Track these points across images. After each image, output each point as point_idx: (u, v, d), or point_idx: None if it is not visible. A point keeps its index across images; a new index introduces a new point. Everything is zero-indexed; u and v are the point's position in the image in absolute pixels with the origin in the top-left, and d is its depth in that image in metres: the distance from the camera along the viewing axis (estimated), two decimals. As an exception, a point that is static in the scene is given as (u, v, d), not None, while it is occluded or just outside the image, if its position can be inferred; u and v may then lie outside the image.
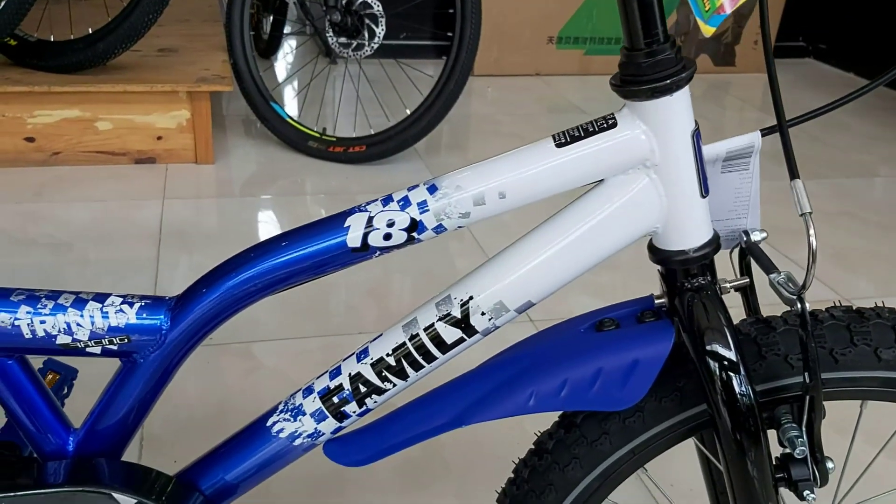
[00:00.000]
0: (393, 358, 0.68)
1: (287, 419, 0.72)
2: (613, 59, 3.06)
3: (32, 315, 0.68)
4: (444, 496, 1.31)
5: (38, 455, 0.76)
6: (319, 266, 0.66)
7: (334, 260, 0.66)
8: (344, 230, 0.65)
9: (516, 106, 3.11)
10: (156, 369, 0.71)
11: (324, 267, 0.66)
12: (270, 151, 2.54)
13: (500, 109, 3.07)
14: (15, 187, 2.20)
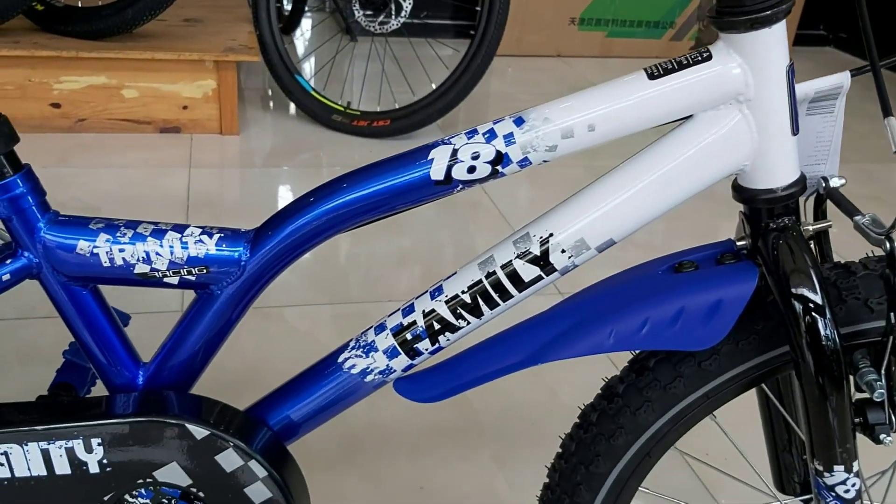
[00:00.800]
0: (468, 295, 0.68)
1: (359, 355, 0.72)
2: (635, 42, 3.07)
3: (112, 243, 0.68)
4: (480, 460, 1.31)
5: (108, 388, 0.76)
6: (401, 199, 0.66)
7: (416, 193, 0.65)
8: (427, 163, 0.64)
9: (536, 86, 3.10)
10: (231, 302, 0.71)
11: (405, 200, 0.66)
12: (293, 124, 2.54)
13: (520, 89, 3.06)
14: (40, 153, 2.19)
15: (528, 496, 1.25)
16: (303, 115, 2.54)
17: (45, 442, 0.70)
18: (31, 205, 0.68)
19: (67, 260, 0.68)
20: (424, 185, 0.65)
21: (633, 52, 3.46)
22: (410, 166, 0.65)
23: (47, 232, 0.68)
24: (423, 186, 0.65)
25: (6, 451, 0.70)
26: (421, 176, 0.64)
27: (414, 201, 0.66)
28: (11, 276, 0.69)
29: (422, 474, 1.27)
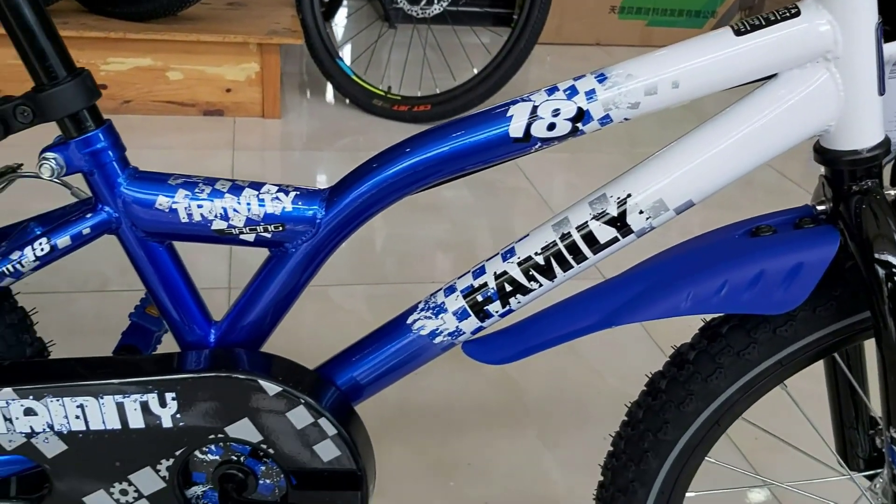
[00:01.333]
0: (542, 257, 0.68)
1: (428, 317, 0.72)
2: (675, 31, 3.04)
3: (190, 199, 0.69)
4: (527, 438, 1.31)
5: (180, 346, 0.77)
6: (479, 157, 0.66)
7: (494, 151, 0.65)
8: (506, 120, 0.64)
9: (575, 74, 3.07)
10: (305, 260, 0.71)
11: (483, 158, 0.66)
12: (333, 109, 2.55)
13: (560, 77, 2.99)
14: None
15: (574, 474, 1.25)
16: (341, 99, 2.55)
17: (121, 396, 0.71)
18: (112, 160, 0.69)
19: (146, 215, 0.69)
20: (503, 142, 0.65)
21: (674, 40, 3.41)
22: (489, 124, 0.65)
23: (127, 187, 0.69)
24: (501, 144, 0.65)
25: (82, 405, 0.71)
26: (499, 133, 0.64)
27: (492, 159, 0.66)
28: (92, 230, 0.70)
29: (469, 451, 1.27)
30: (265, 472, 0.75)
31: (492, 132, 0.65)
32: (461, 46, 2.65)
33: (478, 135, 0.65)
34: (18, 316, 0.78)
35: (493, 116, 0.65)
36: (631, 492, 0.76)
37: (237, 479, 0.75)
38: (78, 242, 0.70)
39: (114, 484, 0.74)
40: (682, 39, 1.25)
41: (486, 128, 0.65)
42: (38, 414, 0.71)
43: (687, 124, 0.65)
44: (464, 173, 0.68)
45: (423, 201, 2.00)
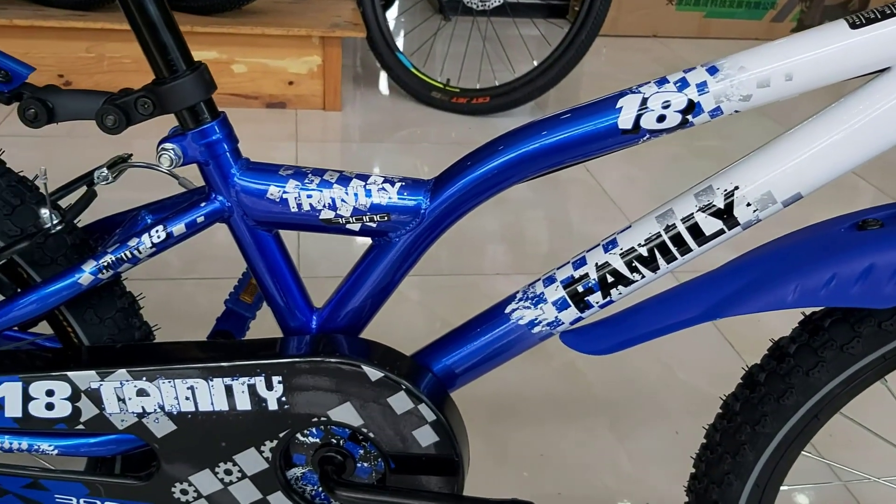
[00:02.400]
0: (645, 248, 0.68)
1: (527, 307, 0.73)
2: (733, 23, 3.00)
3: (300, 189, 0.71)
4: (599, 431, 1.32)
5: (282, 331, 0.79)
6: (585, 148, 0.66)
7: (601, 142, 0.66)
8: (615, 112, 0.65)
9: (632, 66, 3.06)
10: (408, 249, 0.73)
11: (589, 150, 0.66)
12: (391, 101, 2.57)
13: (617, 69, 3.02)
14: (152, 126, 2.28)
15: (647, 467, 1.25)
16: (398, 92, 2.57)
17: (230, 378, 0.73)
18: (226, 151, 0.71)
19: (257, 204, 0.72)
20: (611, 134, 0.65)
21: (732, 33, 3.37)
22: (598, 115, 0.65)
23: (241, 177, 0.72)
24: (609, 135, 0.65)
25: (192, 387, 0.74)
26: (608, 125, 0.65)
27: (598, 150, 0.67)
28: (205, 218, 0.72)
29: (542, 442, 1.28)
30: (363, 455, 0.77)
31: (600, 123, 0.65)
32: (520, 38, 2.64)
33: (586, 126, 0.66)
34: (128, 300, 0.81)
35: (601, 108, 0.65)
36: (726, 484, 0.76)
37: (336, 462, 0.77)
38: (192, 230, 0.72)
39: (219, 464, 0.77)
40: (740, 31, 1.22)
41: (595, 119, 0.65)
42: (150, 395, 0.74)
43: (743, 120, 0.65)
44: (570, 164, 0.68)
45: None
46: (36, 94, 0.69)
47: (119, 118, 0.68)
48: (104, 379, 0.74)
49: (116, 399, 0.74)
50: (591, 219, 1.95)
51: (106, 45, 2.27)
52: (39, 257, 0.74)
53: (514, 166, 0.68)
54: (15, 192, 0.74)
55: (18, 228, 0.73)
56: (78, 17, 2.20)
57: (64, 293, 0.72)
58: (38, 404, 0.75)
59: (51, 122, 0.69)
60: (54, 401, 0.75)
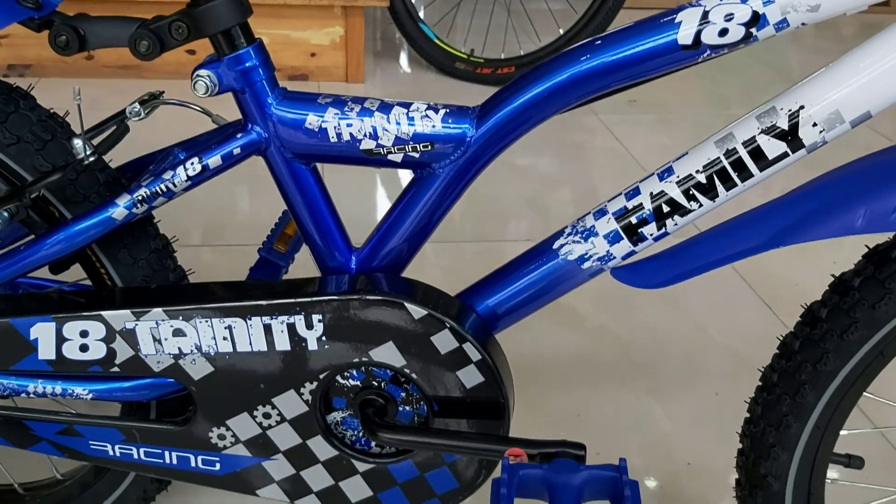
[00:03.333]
0: (703, 175, 0.65)
1: (576, 241, 0.70)
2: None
3: (340, 118, 0.68)
4: (635, 391, 1.29)
5: (321, 272, 0.76)
6: (643, 67, 0.63)
7: (660, 60, 0.62)
8: (674, 27, 0.61)
9: (659, 38, 3.00)
10: (452, 181, 0.70)
11: (647, 68, 0.63)
12: (414, 72, 2.54)
13: (643, 41, 2.96)
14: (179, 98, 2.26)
15: (687, 427, 1.22)
16: (421, 63, 2.53)
17: (268, 317, 0.71)
18: (262, 78, 0.69)
19: (296, 135, 0.69)
20: (670, 50, 0.62)
21: (759, 2, 3.29)
22: (655, 31, 0.62)
23: (278, 106, 0.69)
24: (668, 52, 0.62)
25: (230, 326, 0.71)
26: (667, 41, 0.62)
27: (654, 70, 0.63)
28: (241, 150, 0.70)
29: (578, 403, 1.25)
30: (405, 398, 0.75)
31: (659, 40, 0.62)
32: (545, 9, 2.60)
33: (644, 43, 0.62)
34: (162, 242, 0.79)
35: (659, 24, 0.62)
36: (784, 426, 0.73)
37: (377, 405, 0.74)
38: (228, 162, 0.70)
39: (257, 407, 0.75)
40: None
41: (653, 36, 0.62)
42: (187, 335, 0.72)
43: (774, 88, 0.62)
44: (627, 85, 0.65)
45: (511, 161, 1.98)
46: (67, 21, 0.67)
47: (153, 43, 0.65)
48: (139, 319, 0.71)
49: (152, 340, 0.72)
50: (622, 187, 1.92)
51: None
52: (72, 194, 0.72)
53: (565, 88, 0.65)
54: (45, 128, 0.72)
55: (50, 164, 0.71)
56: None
57: (97, 229, 0.70)
58: (72, 346, 0.73)
59: (82, 50, 0.67)
60: (88, 342, 0.73)
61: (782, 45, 3.04)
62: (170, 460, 0.78)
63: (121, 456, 0.79)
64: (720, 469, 1.13)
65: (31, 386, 0.76)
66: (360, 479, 0.77)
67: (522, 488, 0.65)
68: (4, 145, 0.70)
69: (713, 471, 1.13)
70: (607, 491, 0.65)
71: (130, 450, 0.78)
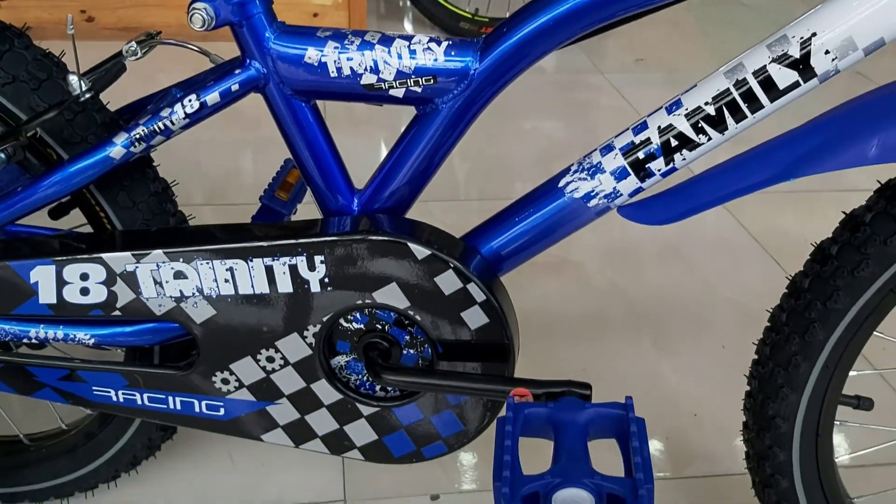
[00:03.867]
0: (713, 107, 0.63)
1: (583, 178, 0.69)
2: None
3: (339, 52, 0.67)
4: (642, 346, 1.28)
5: (322, 213, 0.75)
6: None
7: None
8: (683, -49, 0.59)
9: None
10: (455, 117, 0.68)
11: None
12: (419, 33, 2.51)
13: (650, 0, 2.92)
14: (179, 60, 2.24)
15: (693, 380, 1.21)
16: (425, 23, 2.50)
17: (270, 258, 0.70)
18: (260, 11, 0.67)
19: (294, 70, 0.68)
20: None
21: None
22: (663, -45, 0.60)
23: (276, 41, 0.67)
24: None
25: (231, 268, 0.71)
26: (675, -35, 0.60)
27: None
28: (240, 86, 0.68)
29: (583, 358, 1.24)
30: (409, 341, 0.74)
31: (666, -36, 0.60)
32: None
33: (649, -31, 0.60)
34: (162, 185, 0.78)
35: (667, -53, 0.60)
36: (793, 366, 0.72)
37: (381, 348, 0.74)
38: (227, 100, 0.69)
39: (261, 350, 0.74)
40: None
41: (660, -40, 0.60)
42: (188, 277, 0.71)
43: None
44: (625, 18, 0.63)
45: (517, 121, 1.95)
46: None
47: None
48: (140, 261, 0.71)
49: (153, 282, 0.71)
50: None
51: (127, -23, 2.22)
52: (69, 135, 0.71)
53: (569, 18, 0.63)
54: (41, 67, 0.70)
55: (46, 104, 0.70)
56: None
57: (95, 169, 0.69)
58: (73, 289, 0.72)
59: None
60: (89, 285, 0.72)
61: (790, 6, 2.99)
62: (174, 405, 0.78)
63: (124, 401, 0.79)
64: (726, 419, 1.12)
65: (33, 331, 0.75)
66: (365, 422, 0.77)
67: (527, 427, 0.64)
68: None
69: (719, 421, 1.13)
70: (613, 429, 0.64)
71: (134, 395, 0.78)
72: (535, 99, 2.08)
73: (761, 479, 0.79)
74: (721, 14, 2.81)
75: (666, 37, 2.57)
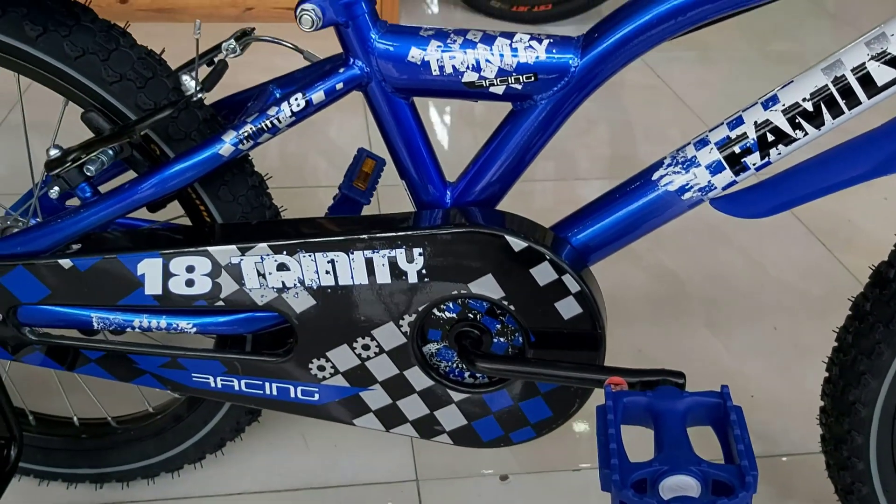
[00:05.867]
0: (811, 103, 0.65)
1: (677, 172, 0.70)
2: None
3: (442, 50, 0.68)
4: (694, 325, 1.31)
5: (416, 205, 0.77)
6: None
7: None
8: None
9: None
10: (551, 112, 0.70)
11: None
12: (449, 11, 2.51)
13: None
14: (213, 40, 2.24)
15: (747, 361, 1.23)
16: (457, 3, 2.49)
17: (370, 251, 0.72)
18: (365, 12, 0.69)
19: (397, 68, 0.69)
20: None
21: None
22: (769, -44, 0.61)
23: (380, 40, 0.69)
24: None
25: (333, 260, 0.73)
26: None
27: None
28: (344, 84, 0.70)
29: (638, 338, 1.27)
30: (500, 329, 0.76)
31: (771, -35, 0.61)
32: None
33: (755, -32, 0.62)
34: (258, 178, 0.80)
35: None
36: (876, 354, 0.74)
37: (472, 336, 0.76)
38: (331, 98, 0.70)
39: (357, 339, 0.77)
40: None
41: (766, -40, 0.61)
42: (291, 269, 0.73)
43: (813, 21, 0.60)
44: (732, 13, 0.64)
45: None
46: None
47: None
48: (245, 254, 0.73)
49: (257, 274, 0.74)
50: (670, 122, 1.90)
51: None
52: (174, 131, 0.73)
53: (670, 15, 0.64)
54: (146, 65, 0.72)
55: (151, 102, 0.72)
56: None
57: (205, 165, 0.71)
58: (178, 281, 0.75)
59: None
60: (194, 277, 0.74)
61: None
62: (270, 391, 0.81)
63: (222, 387, 0.81)
64: (784, 400, 1.15)
65: (137, 321, 0.78)
66: (455, 408, 0.80)
67: (627, 415, 0.67)
68: (108, 83, 0.70)
69: (777, 402, 1.15)
70: (710, 417, 0.67)
71: (232, 381, 0.81)
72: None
73: (837, 462, 0.81)
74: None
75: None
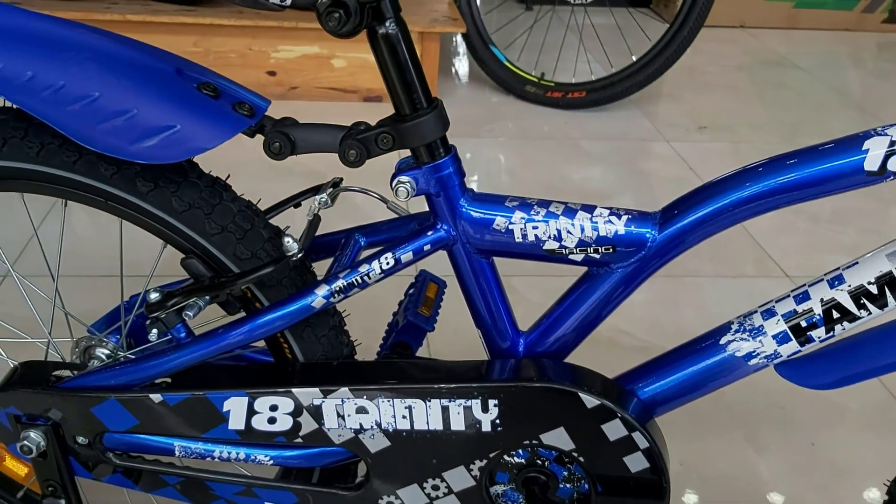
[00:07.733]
0: (875, 286, 0.69)
1: (744, 339, 0.74)
2: (823, 13, 2.91)
3: (526, 221, 0.73)
4: (734, 440, 1.32)
5: (489, 353, 0.81)
6: (824, 187, 0.67)
7: (843, 181, 0.66)
8: (861, 152, 0.65)
9: (724, 57, 3.01)
10: (627, 279, 0.74)
11: (828, 188, 0.67)
12: (486, 95, 2.58)
13: (708, 60, 2.98)
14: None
15: (788, 478, 1.25)
16: (492, 86, 2.57)
17: (447, 400, 0.76)
18: (456, 184, 0.73)
19: (483, 234, 0.74)
20: (854, 173, 0.65)
21: (822, 24, 3.29)
22: (842, 154, 0.65)
23: (469, 207, 0.73)
24: (852, 175, 0.66)
25: (410, 406, 0.76)
26: (853, 165, 0.65)
27: (836, 189, 0.67)
28: (431, 246, 0.74)
29: (681, 452, 1.29)
30: (567, 476, 0.79)
31: (844, 163, 0.66)
32: (621, 34, 2.62)
33: (830, 164, 0.66)
34: (338, 319, 0.84)
35: (846, 147, 0.66)
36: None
37: (540, 482, 0.79)
38: (418, 257, 0.75)
39: (427, 479, 0.80)
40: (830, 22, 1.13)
41: (840, 158, 0.66)
42: (369, 412, 0.77)
43: (840, 112, 0.64)
44: (810, 198, 0.69)
45: (587, 191, 2.00)
46: (278, 126, 0.72)
47: (360, 152, 0.70)
48: (327, 396, 0.77)
49: (336, 415, 0.77)
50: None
51: (212, 40, 2.31)
52: (267, 279, 0.77)
53: (749, 201, 0.69)
54: (245, 217, 0.77)
55: (249, 252, 0.76)
56: (187, 13, 2.25)
57: (297, 315, 0.75)
58: (261, 418, 0.78)
59: (292, 154, 0.72)
60: (277, 415, 0.78)
61: (843, 68, 3.04)
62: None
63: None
64: None
65: (217, 451, 0.82)
66: (519, 546, 0.82)
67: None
68: (209, 234, 0.75)
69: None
70: None
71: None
72: (602, 168, 2.14)
73: None
74: (776, 77, 2.86)
75: (725, 102, 2.63)
